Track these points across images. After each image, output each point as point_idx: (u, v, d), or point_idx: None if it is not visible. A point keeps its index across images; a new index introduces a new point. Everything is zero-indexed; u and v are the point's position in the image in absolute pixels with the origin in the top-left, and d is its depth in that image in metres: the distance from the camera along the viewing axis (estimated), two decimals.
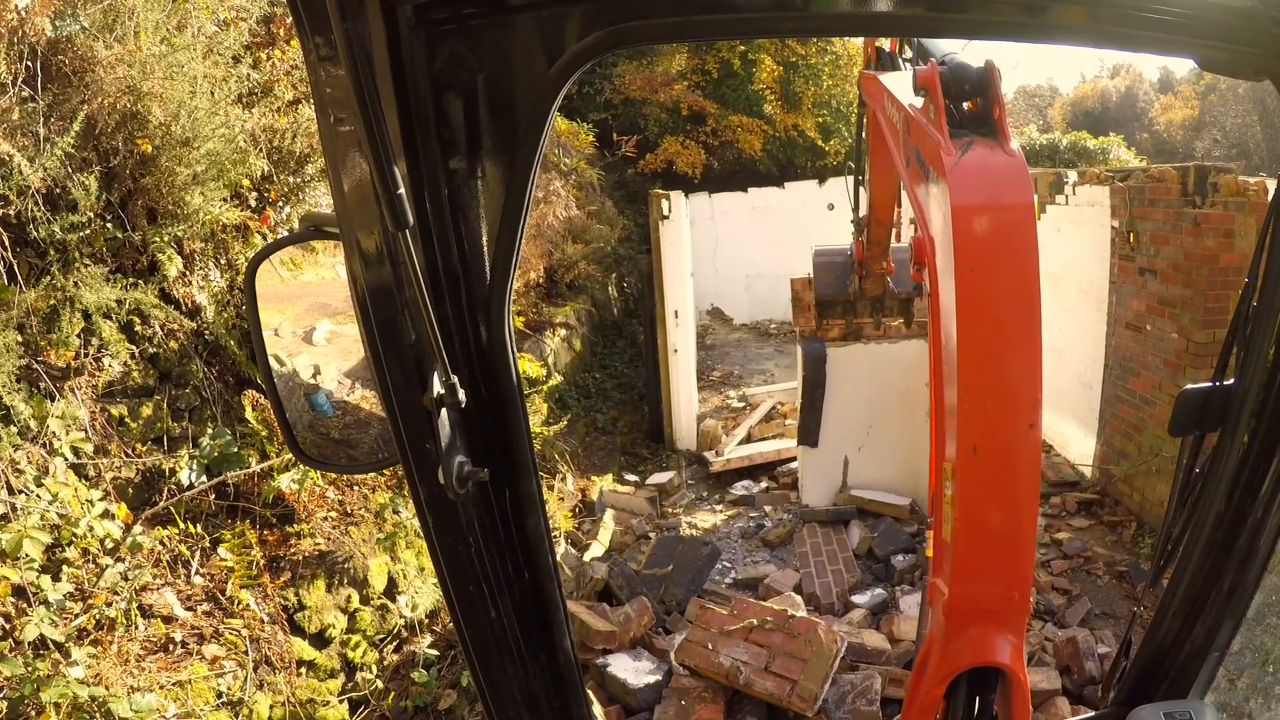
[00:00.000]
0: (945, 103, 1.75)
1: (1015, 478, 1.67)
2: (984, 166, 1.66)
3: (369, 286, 1.31)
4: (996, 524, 1.70)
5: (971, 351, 1.62)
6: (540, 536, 1.64)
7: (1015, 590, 1.71)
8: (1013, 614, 1.74)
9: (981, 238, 1.63)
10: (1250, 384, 1.68)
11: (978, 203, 1.63)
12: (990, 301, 1.61)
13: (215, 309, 4.82)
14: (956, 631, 1.76)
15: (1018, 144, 1.70)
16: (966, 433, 1.63)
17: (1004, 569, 1.72)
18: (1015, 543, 1.71)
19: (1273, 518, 1.75)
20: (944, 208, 1.65)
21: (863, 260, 5.54)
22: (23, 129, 3.92)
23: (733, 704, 5.21)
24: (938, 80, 1.76)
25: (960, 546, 1.70)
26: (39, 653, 3.44)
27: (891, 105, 2.38)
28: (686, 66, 18.61)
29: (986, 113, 1.77)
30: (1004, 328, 1.63)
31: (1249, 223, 6.31)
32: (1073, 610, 6.32)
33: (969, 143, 1.68)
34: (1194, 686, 1.98)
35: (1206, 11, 1.34)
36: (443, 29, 1.24)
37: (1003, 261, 1.63)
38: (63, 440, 3.89)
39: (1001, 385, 1.64)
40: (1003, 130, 1.71)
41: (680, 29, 1.37)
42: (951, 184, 1.64)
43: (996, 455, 1.64)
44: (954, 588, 1.72)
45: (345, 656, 4.87)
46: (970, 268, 1.60)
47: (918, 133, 1.91)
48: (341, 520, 5.19)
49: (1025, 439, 1.63)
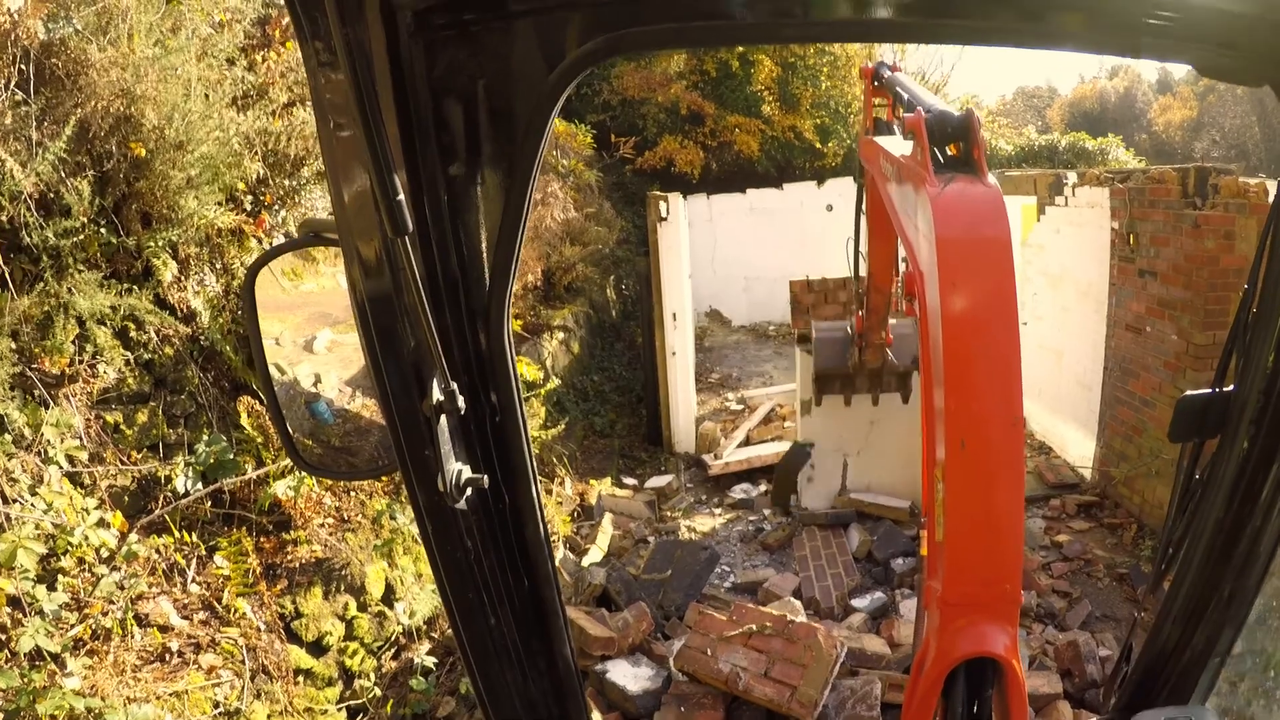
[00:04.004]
0: (930, 146, 1.93)
1: (1001, 469, 1.75)
2: (964, 195, 1.84)
3: (368, 293, 1.31)
4: (985, 515, 1.76)
5: (956, 353, 1.73)
6: (539, 543, 1.64)
7: (1006, 581, 1.76)
8: (1005, 605, 1.78)
9: (962, 252, 1.78)
10: (1250, 390, 1.67)
11: (958, 228, 1.79)
12: (971, 312, 1.74)
13: (210, 314, 4.80)
14: (951, 625, 1.79)
15: (994, 179, 1.89)
16: (954, 429, 1.71)
17: (994, 560, 1.77)
18: (1003, 533, 1.76)
19: (1272, 523, 1.74)
20: (929, 232, 1.82)
21: (862, 332, 5.79)
22: (15, 133, 3.91)
23: (732, 710, 5.18)
24: (923, 125, 1.95)
25: (951, 539, 1.75)
26: (35, 664, 3.42)
27: (886, 161, 2.60)
28: (685, 67, 18.63)
29: (968, 155, 1.94)
30: (984, 330, 1.76)
31: (1249, 224, 6.30)
32: (1073, 613, 6.30)
33: (950, 178, 1.86)
34: (1195, 692, 1.98)
35: (1205, 17, 1.33)
36: (442, 35, 1.23)
37: (980, 270, 1.78)
38: (57, 448, 3.87)
39: (985, 384, 1.75)
40: (981, 169, 1.89)
41: (679, 35, 1.38)
42: (935, 210, 1.81)
43: (983, 448, 1.72)
44: (947, 581, 1.76)
45: (343, 664, 4.85)
46: (952, 283, 1.74)
47: (906, 174, 2.10)
48: (338, 527, 5.17)
49: (1009, 433, 1.73)
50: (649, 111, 17.91)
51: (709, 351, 15.64)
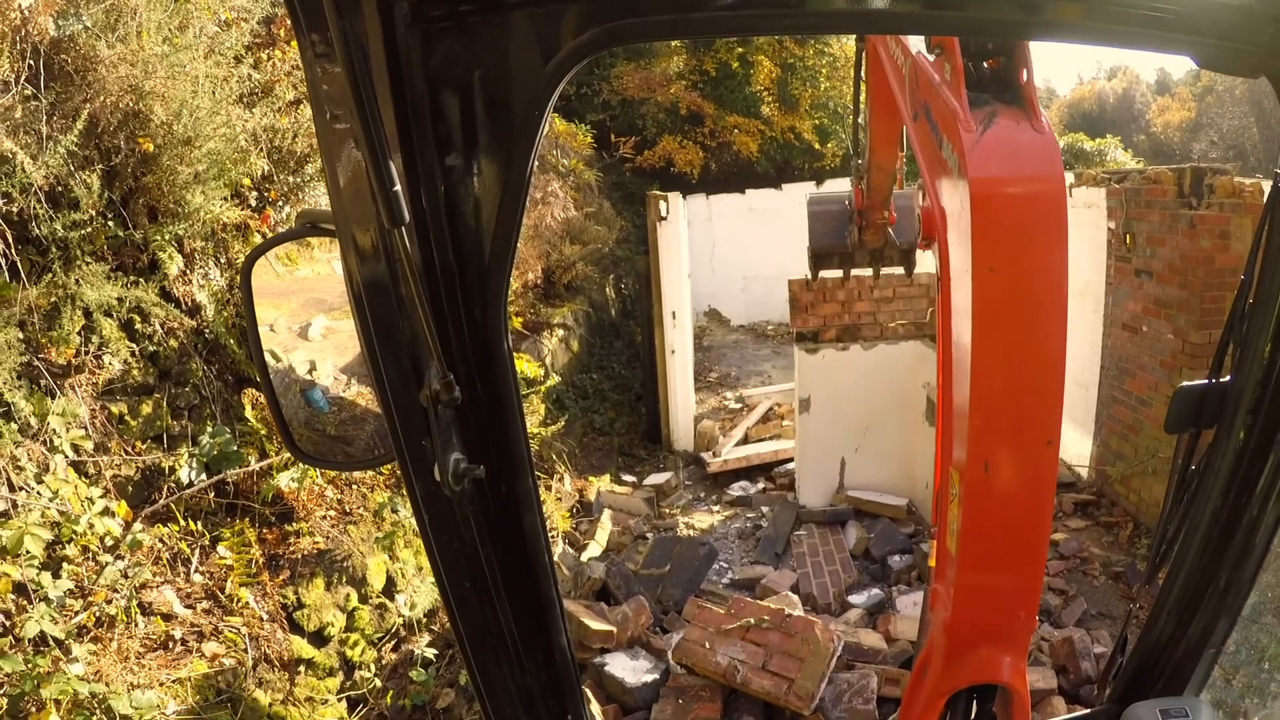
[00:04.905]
0: (964, 62, 1.54)
1: (1028, 498, 1.56)
2: (1009, 147, 1.46)
3: (365, 283, 1.31)
4: (1006, 546, 1.62)
5: (986, 360, 1.49)
6: (536, 534, 1.64)
7: (1022, 610, 1.65)
8: (1018, 634, 1.70)
9: (1005, 235, 1.45)
10: (1246, 381, 1.67)
11: (1002, 194, 1.44)
12: (1011, 309, 1.48)
13: (215, 307, 4.83)
14: (959, 651, 1.72)
15: (1047, 118, 1.49)
16: (977, 448, 1.52)
17: (1012, 591, 1.64)
18: (1025, 565, 1.63)
19: (1268, 514, 1.74)
20: (961, 192, 1.46)
21: (862, 210, 5.21)
22: (25, 127, 3.93)
23: (730, 703, 5.22)
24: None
25: (966, 566, 1.62)
26: (39, 649, 3.44)
27: (897, 48, 2.11)
28: (685, 66, 18.65)
29: (1010, 74, 1.55)
30: (1025, 339, 1.49)
31: (1245, 224, 6.33)
32: (1069, 610, 6.34)
33: (992, 113, 1.48)
34: (1190, 683, 1.98)
35: (1203, 8, 1.34)
36: (439, 26, 1.23)
37: (1028, 265, 1.46)
38: (63, 437, 3.89)
39: (1019, 398, 1.52)
40: (1030, 100, 1.51)
41: (675, 26, 1.36)
42: (972, 167, 1.43)
43: (1010, 474, 1.53)
44: (957, 609, 1.67)
45: (344, 655, 4.88)
46: (990, 268, 1.45)
47: (927, 88, 1.68)
48: (340, 519, 5.20)
49: (1041, 456, 1.51)
50: (648, 111, 17.93)
51: (708, 350, 15.67)
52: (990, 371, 1.50)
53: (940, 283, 1.65)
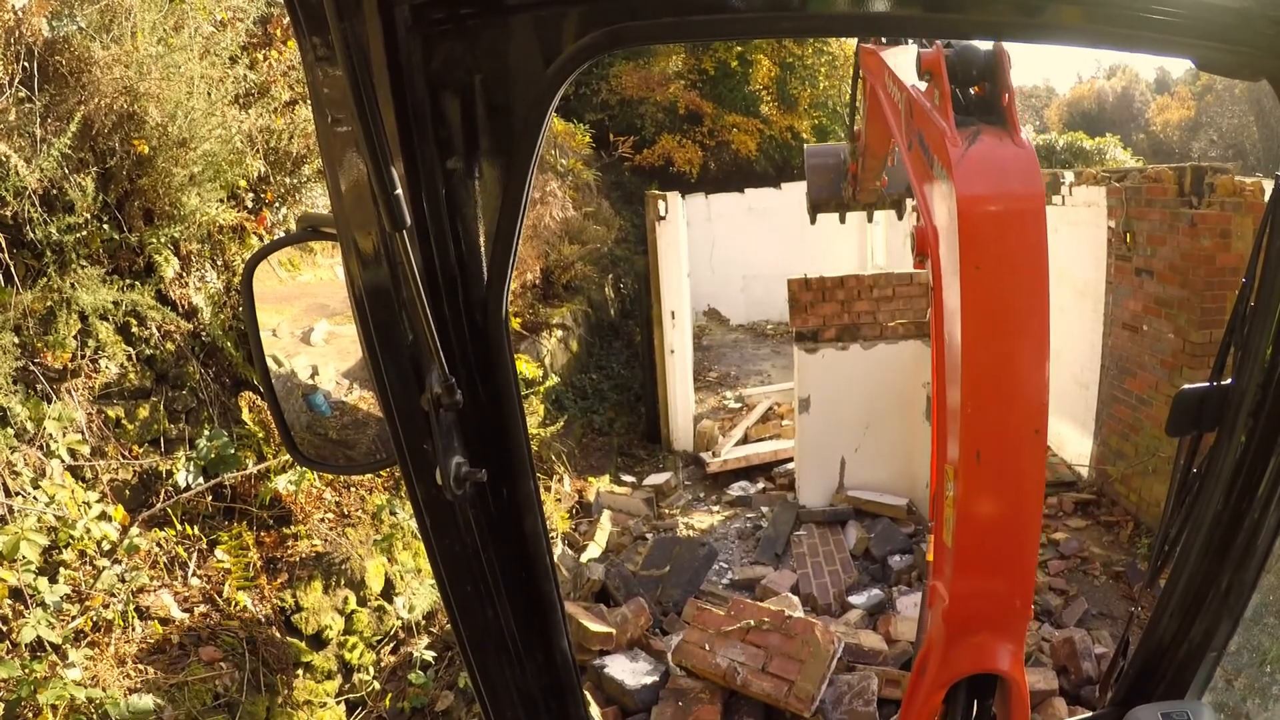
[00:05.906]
0: (951, 88, 1.66)
1: (1019, 484, 1.63)
2: (992, 159, 1.57)
3: (366, 287, 1.30)
4: (999, 531, 1.66)
5: (976, 354, 1.57)
6: (538, 537, 1.64)
7: (1017, 598, 1.69)
8: (1014, 621, 1.72)
9: (988, 235, 1.56)
10: (1247, 384, 1.67)
11: (985, 197, 1.55)
12: (996, 302, 1.56)
13: (212, 310, 4.81)
14: (956, 638, 1.74)
15: (1028, 134, 1.62)
16: (969, 437, 1.58)
17: (1006, 576, 1.69)
18: (1018, 550, 1.68)
19: (1270, 517, 1.74)
20: (949, 202, 1.58)
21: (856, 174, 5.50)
22: (19, 129, 3.91)
23: (730, 705, 5.21)
24: (943, 63, 1.66)
25: (962, 554, 1.67)
26: (36, 654, 3.43)
27: (893, 84, 2.26)
28: (684, 66, 18.65)
29: (994, 99, 1.67)
30: (1010, 329, 1.57)
31: (1245, 223, 6.32)
32: (1070, 610, 6.33)
33: (976, 132, 1.60)
34: (1191, 686, 1.98)
35: (1203, 11, 1.33)
36: (440, 29, 1.23)
37: (1010, 260, 1.56)
38: (59, 442, 3.88)
39: (1006, 389, 1.59)
40: (1012, 120, 1.62)
41: (677, 29, 1.35)
42: (957, 177, 1.55)
43: (1000, 461, 1.60)
44: (954, 595, 1.70)
45: (342, 658, 4.87)
46: (975, 266, 1.54)
47: (920, 117, 1.83)
48: (338, 522, 5.18)
49: (1030, 444, 1.58)
50: (647, 111, 17.94)
51: (707, 350, 15.66)
52: (981, 362, 1.58)
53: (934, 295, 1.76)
